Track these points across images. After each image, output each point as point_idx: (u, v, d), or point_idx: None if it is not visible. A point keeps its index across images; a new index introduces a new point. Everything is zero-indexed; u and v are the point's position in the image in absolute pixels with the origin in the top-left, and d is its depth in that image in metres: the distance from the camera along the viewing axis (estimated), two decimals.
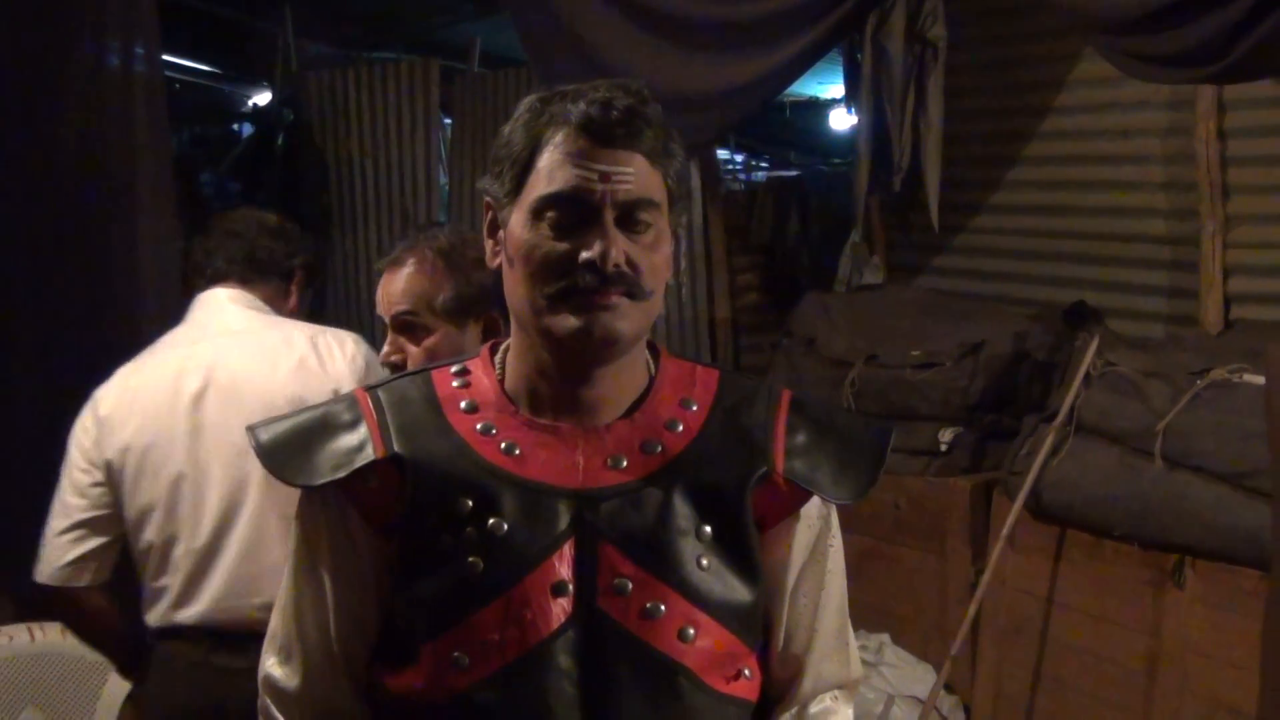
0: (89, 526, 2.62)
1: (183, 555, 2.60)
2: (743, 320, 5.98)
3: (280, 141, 7.15)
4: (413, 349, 2.34)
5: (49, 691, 3.20)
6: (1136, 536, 3.66)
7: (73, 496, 2.63)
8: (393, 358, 2.35)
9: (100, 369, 4.43)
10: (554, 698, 1.44)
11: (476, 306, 2.37)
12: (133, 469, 2.58)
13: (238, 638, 2.50)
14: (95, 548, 2.62)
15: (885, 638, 4.32)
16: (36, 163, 4.43)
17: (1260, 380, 3.43)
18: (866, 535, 4.37)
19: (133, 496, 2.59)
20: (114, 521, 2.63)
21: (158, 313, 4.19)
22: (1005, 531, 3.93)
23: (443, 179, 6.57)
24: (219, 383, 2.61)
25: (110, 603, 2.69)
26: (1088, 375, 3.90)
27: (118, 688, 3.19)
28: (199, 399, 2.61)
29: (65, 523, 2.62)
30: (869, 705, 3.96)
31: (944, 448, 4.42)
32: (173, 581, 2.62)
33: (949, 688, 4.20)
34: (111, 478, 2.60)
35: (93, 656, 3.20)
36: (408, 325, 2.35)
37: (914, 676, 4.21)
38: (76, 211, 4.37)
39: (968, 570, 4.25)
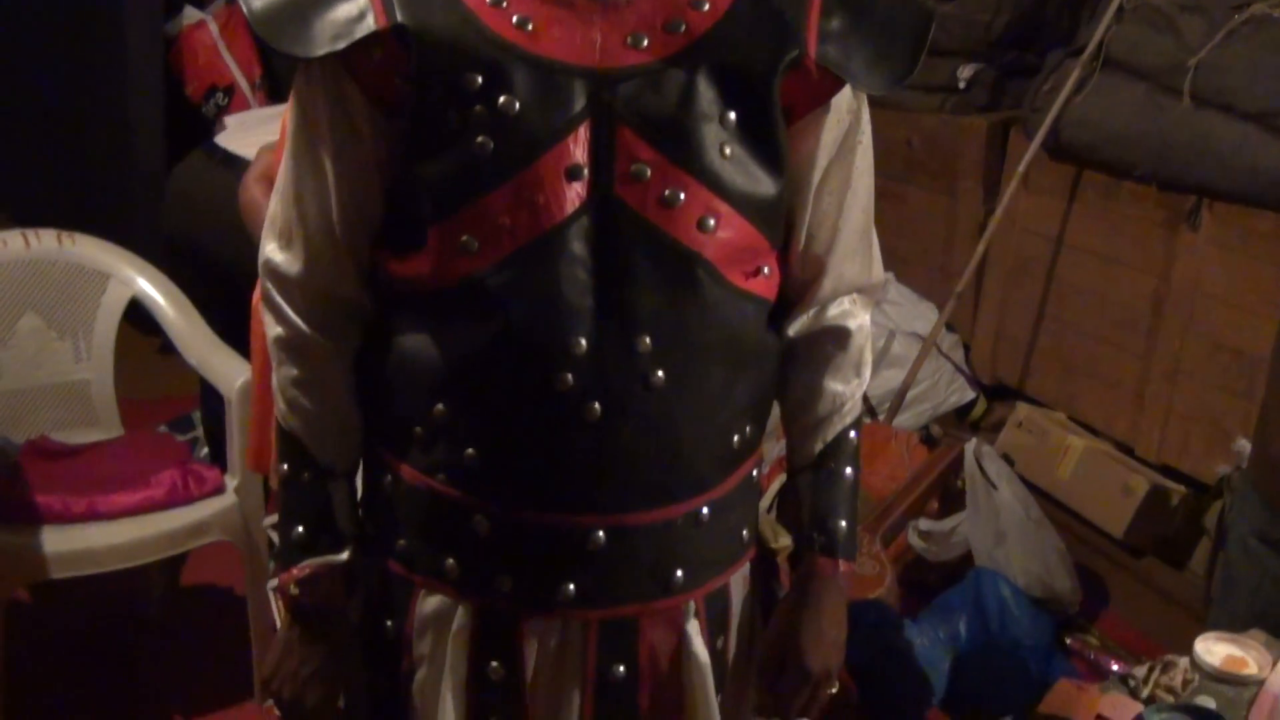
0: None
1: None
2: None
3: None
4: None
5: (48, 299, 3.16)
6: (1155, 177, 3.58)
7: None
8: None
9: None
10: (566, 284, 1.38)
11: None
12: None
13: None
14: None
15: (890, 275, 4.30)
16: None
17: None
18: (876, 173, 4.26)
19: None
20: None
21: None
22: (1020, 169, 3.84)
23: None
24: None
25: None
26: (1120, 8, 3.72)
27: (118, 297, 3.15)
28: None
29: None
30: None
31: (962, 84, 4.27)
32: None
33: (950, 326, 4.21)
34: None
35: (92, 265, 3.17)
36: None
37: (916, 314, 4.21)
38: None
39: (978, 210, 4.19)
